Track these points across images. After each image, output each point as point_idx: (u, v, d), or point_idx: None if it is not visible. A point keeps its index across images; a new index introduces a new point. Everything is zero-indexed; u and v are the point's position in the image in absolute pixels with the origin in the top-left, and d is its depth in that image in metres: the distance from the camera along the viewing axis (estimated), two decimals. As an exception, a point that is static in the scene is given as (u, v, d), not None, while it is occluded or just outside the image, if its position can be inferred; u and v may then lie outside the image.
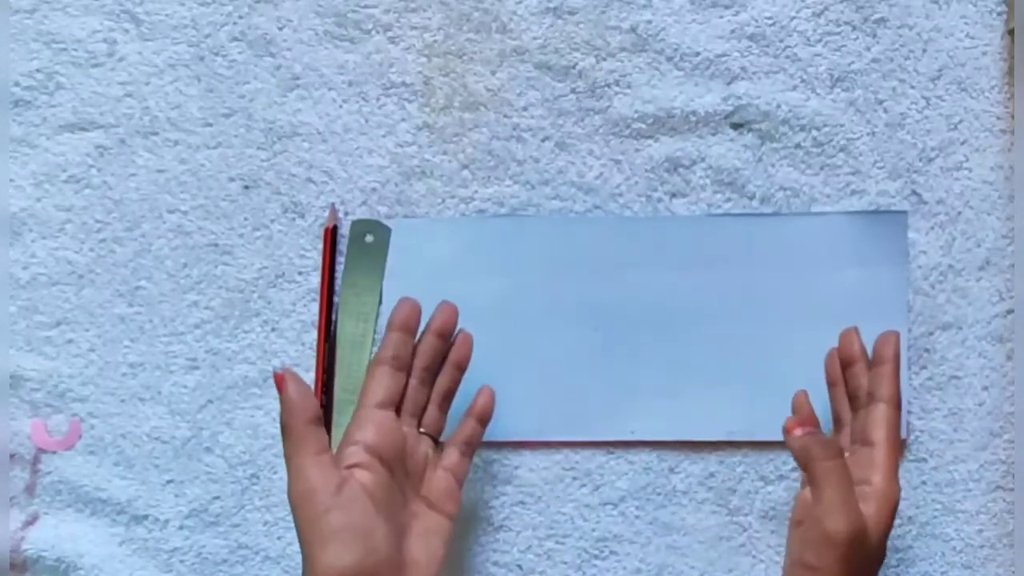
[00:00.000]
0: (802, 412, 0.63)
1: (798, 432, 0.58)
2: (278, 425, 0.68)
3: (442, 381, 0.63)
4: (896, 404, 0.60)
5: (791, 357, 0.66)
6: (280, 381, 0.57)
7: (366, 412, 0.59)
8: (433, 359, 0.62)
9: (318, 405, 0.58)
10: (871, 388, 0.61)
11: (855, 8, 0.69)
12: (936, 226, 0.68)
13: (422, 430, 0.62)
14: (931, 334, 0.67)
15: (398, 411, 0.61)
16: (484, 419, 0.63)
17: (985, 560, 0.66)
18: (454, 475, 0.62)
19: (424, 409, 0.62)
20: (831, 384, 0.64)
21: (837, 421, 0.64)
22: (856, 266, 0.67)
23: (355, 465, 0.57)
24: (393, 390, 0.60)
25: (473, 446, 0.63)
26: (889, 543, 0.66)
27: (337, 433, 0.68)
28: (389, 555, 0.56)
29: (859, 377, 0.62)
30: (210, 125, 0.70)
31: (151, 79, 0.71)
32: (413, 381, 0.61)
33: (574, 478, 0.68)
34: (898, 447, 0.59)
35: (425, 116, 0.70)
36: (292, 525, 0.68)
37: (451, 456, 0.62)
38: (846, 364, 0.63)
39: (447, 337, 0.62)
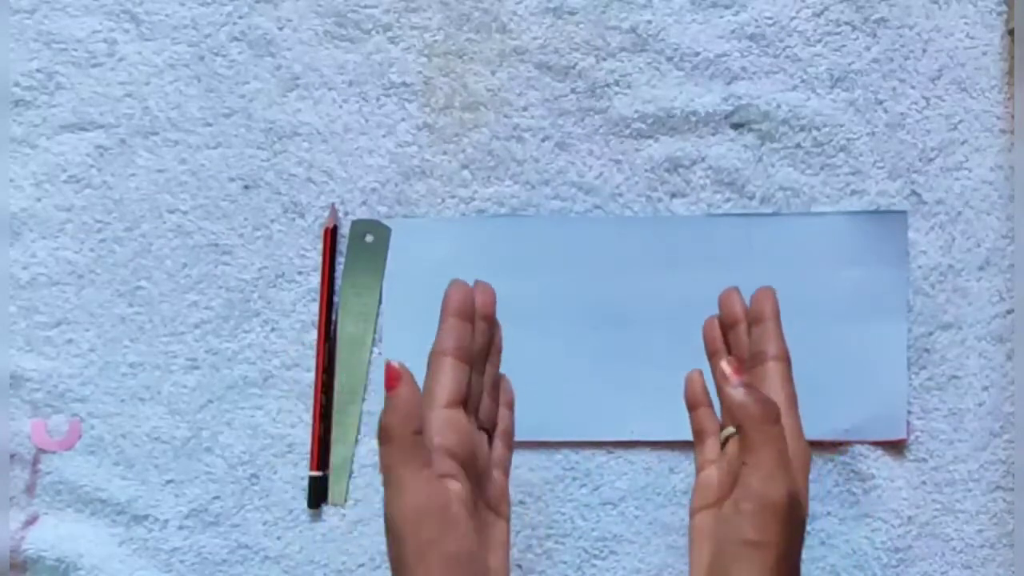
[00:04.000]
0: (694, 389, 0.59)
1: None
2: (277, 425, 0.69)
3: (490, 369, 0.57)
4: (786, 359, 0.56)
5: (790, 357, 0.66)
6: (395, 378, 0.50)
7: (440, 414, 0.52)
8: (486, 346, 0.56)
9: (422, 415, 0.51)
10: (757, 347, 0.57)
11: (855, 8, 0.69)
12: (936, 226, 0.68)
13: (481, 426, 0.56)
14: (931, 334, 0.67)
15: (464, 406, 0.54)
16: (513, 406, 0.59)
17: (985, 560, 0.66)
18: (504, 471, 0.56)
19: (479, 401, 0.56)
20: (712, 354, 0.60)
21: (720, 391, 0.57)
22: (856, 266, 0.67)
23: (445, 476, 0.51)
24: (462, 384, 0.53)
25: (512, 436, 0.58)
26: (889, 543, 0.66)
27: (337, 433, 0.68)
28: None
29: (742, 338, 0.58)
30: (210, 125, 0.70)
31: (151, 79, 0.71)
32: (472, 372, 0.54)
33: (574, 478, 0.68)
34: (796, 403, 0.56)
35: (425, 116, 0.70)
36: (292, 525, 0.68)
37: (498, 450, 0.57)
38: (729, 327, 0.59)
39: (492, 320, 0.56)
